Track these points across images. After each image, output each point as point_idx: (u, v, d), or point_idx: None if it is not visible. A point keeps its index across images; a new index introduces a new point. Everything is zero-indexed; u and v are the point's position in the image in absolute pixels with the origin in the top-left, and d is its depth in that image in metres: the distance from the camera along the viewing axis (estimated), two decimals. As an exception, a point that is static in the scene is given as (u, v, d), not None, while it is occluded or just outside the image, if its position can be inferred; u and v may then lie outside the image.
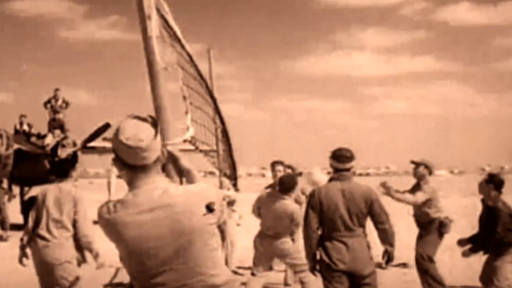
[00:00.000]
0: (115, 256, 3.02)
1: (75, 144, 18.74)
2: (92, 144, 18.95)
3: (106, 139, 20.80)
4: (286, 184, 7.69)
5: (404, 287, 9.33)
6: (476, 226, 7.43)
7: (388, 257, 6.17)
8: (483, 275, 7.29)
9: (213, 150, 5.20)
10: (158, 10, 3.28)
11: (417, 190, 8.31)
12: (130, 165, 2.84)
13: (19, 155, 17.99)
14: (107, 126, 18.77)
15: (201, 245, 2.83)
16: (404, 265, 10.50)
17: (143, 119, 2.85)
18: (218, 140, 5.28)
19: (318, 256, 6.11)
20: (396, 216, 7.39)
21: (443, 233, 8.23)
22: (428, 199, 8.22)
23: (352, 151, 6.16)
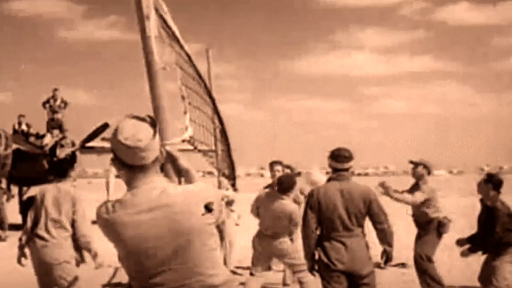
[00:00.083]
0: (114, 256, 3.02)
1: (73, 144, 18.86)
2: (90, 144, 18.99)
3: (104, 139, 20.81)
4: (284, 184, 7.69)
5: (402, 287, 9.34)
6: (475, 226, 7.43)
7: (387, 257, 6.17)
8: (482, 275, 7.29)
9: (211, 150, 5.20)
10: (156, 10, 3.28)
11: (415, 190, 8.31)
12: (128, 165, 2.84)
13: (17, 155, 17.99)
14: (105, 126, 18.75)
15: (199, 245, 2.83)
16: (403, 265, 10.50)
17: (142, 119, 2.85)
18: (217, 140, 5.28)
19: (316, 256, 6.11)
20: (394, 216, 7.39)
21: (442, 233, 8.24)
22: (426, 199, 8.22)
23: (351, 151, 6.17)
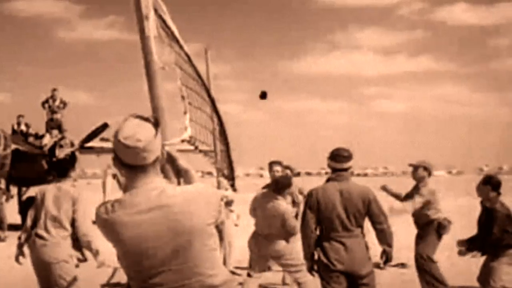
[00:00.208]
0: (113, 256, 3.02)
1: (72, 144, 18.86)
2: (89, 144, 19.05)
3: (103, 139, 20.83)
4: (279, 184, 7.70)
5: (402, 287, 9.34)
6: (474, 227, 7.45)
7: (387, 257, 6.18)
8: (481, 276, 7.32)
9: (212, 150, 5.20)
10: (155, 10, 3.28)
11: (416, 193, 8.31)
12: (128, 164, 2.83)
13: (16, 156, 18.00)
14: (104, 126, 18.79)
15: (199, 245, 2.83)
16: (402, 265, 10.51)
17: (145, 119, 2.85)
18: (216, 140, 5.28)
19: (316, 256, 6.11)
20: (394, 216, 7.39)
21: (442, 234, 8.25)
22: (426, 202, 8.22)
23: (350, 151, 6.17)
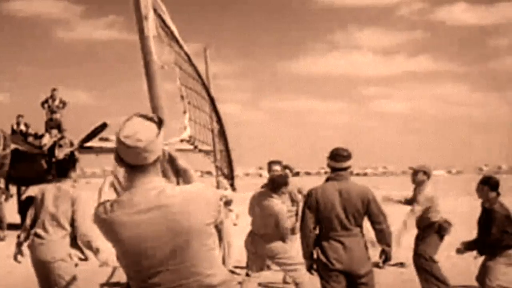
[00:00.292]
0: (112, 255, 3.03)
1: (72, 144, 18.86)
2: (89, 144, 19.05)
3: (102, 139, 20.84)
4: (275, 182, 7.71)
5: (401, 286, 9.35)
6: (473, 227, 7.46)
7: (386, 257, 6.18)
8: (479, 275, 7.34)
9: (211, 150, 5.22)
10: (155, 10, 3.29)
11: (414, 201, 8.28)
12: (128, 163, 2.84)
13: (16, 155, 18.00)
14: (104, 126, 18.78)
15: (198, 245, 2.83)
16: (401, 264, 10.51)
17: (149, 118, 2.85)
18: (215, 139, 5.29)
19: (315, 256, 6.12)
20: (393, 216, 7.39)
21: (443, 235, 8.26)
22: (426, 209, 8.20)
23: (349, 151, 6.17)
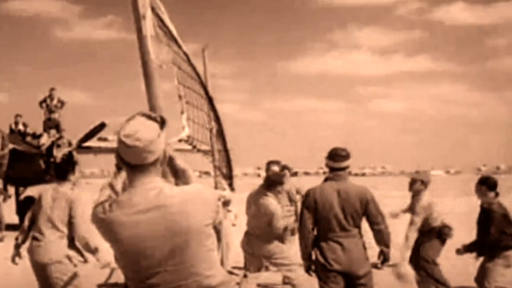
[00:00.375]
0: (111, 256, 3.02)
1: (70, 144, 18.86)
2: (87, 143, 19.03)
3: (101, 139, 20.82)
4: (270, 180, 7.71)
5: (399, 287, 9.34)
6: (472, 227, 7.47)
7: (384, 257, 6.18)
8: (478, 277, 7.36)
9: (210, 150, 5.21)
10: (153, 9, 3.28)
11: (412, 212, 8.26)
12: (128, 163, 2.83)
13: (14, 155, 17.99)
14: (102, 126, 18.78)
15: (197, 245, 2.83)
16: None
17: (152, 118, 2.85)
18: (213, 139, 5.29)
19: (313, 256, 6.11)
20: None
21: (445, 239, 8.26)
22: (425, 218, 8.19)
23: (348, 150, 6.17)
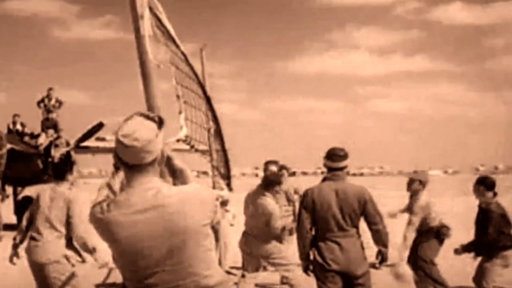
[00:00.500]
0: (109, 256, 3.02)
1: (68, 144, 18.85)
2: (85, 143, 19.01)
3: (99, 139, 20.80)
4: (268, 180, 7.71)
5: (398, 287, 9.34)
6: (470, 227, 7.48)
7: (382, 257, 6.18)
8: (476, 277, 7.36)
9: (208, 149, 5.21)
10: (151, 9, 3.28)
11: (410, 212, 8.26)
12: (126, 163, 2.83)
13: (12, 155, 17.98)
14: (100, 126, 18.77)
15: (194, 245, 2.83)
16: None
17: (150, 118, 2.85)
18: (211, 139, 5.29)
19: (311, 256, 6.11)
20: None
21: (443, 239, 8.26)
22: (423, 218, 8.19)
23: (346, 150, 6.17)
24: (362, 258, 6.03)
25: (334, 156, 6.10)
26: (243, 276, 7.92)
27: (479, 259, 7.42)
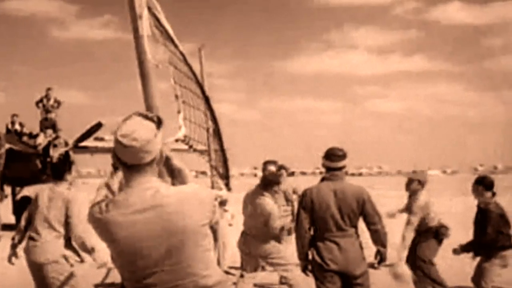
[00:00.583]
0: (107, 256, 3.02)
1: (66, 144, 18.86)
2: (84, 143, 19.01)
3: (97, 139, 20.80)
4: (266, 180, 7.71)
5: (396, 286, 9.35)
6: (469, 227, 7.48)
7: (381, 257, 6.18)
8: (475, 277, 7.36)
9: (206, 149, 5.21)
10: (149, 9, 3.28)
11: (409, 212, 8.26)
12: (124, 163, 2.83)
13: (10, 155, 17.98)
14: (99, 126, 18.76)
15: (193, 245, 2.82)
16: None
17: (149, 118, 2.84)
18: (210, 139, 5.29)
19: (310, 256, 6.11)
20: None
21: (441, 239, 8.26)
22: (422, 218, 8.18)
23: (344, 150, 6.17)
24: (361, 258, 6.04)
25: (333, 156, 6.10)
26: (241, 276, 7.92)
27: (478, 259, 7.43)
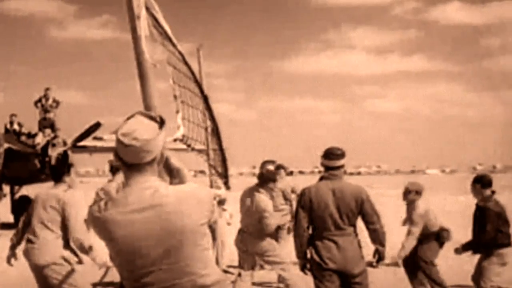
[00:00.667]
0: (106, 255, 3.02)
1: (65, 143, 18.87)
2: (82, 143, 19.02)
3: (96, 138, 20.80)
4: (263, 177, 7.72)
5: (395, 285, 9.37)
6: (467, 225, 7.49)
7: (379, 256, 6.19)
8: (475, 275, 7.37)
9: (205, 149, 5.22)
10: (148, 9, 3.28)
11: (409, 223, 8.24)
12: (125, 162, 2.84)
13: (9, 154, 17.99)
14: (97, 125, 18.78)
15: (192, 245, 2.83)
16: (395, 264, 10.50)
17: (151, 118, 2.85)
18: (209, 138, 5.30)
19: (308, 255, 6.11)
20: (386, 215, 7.41)
21: (443, 242, 8.26)
22: (423, 227, 8.17)
23: (343, 149, 6.18)
24: (359, 257, 6.04)
25: (331, 155, 6.10)
26: (240, 275, 7.93)
27: (477, 256, 7.44)
